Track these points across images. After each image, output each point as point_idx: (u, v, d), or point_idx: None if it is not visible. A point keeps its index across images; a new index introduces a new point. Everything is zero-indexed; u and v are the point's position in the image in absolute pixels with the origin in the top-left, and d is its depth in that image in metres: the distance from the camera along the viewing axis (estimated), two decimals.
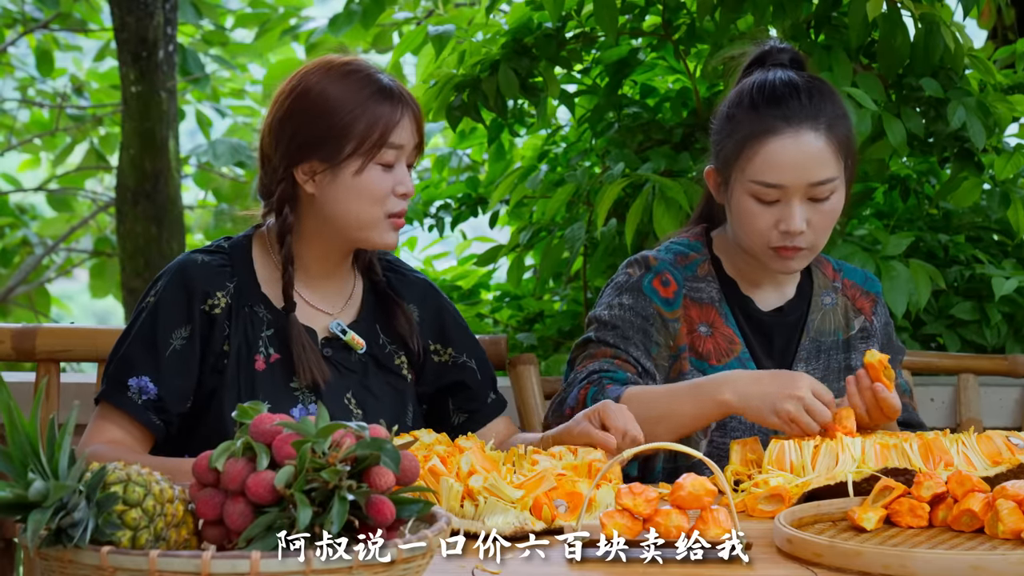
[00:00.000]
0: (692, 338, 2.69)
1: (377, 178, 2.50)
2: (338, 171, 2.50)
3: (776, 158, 2.58)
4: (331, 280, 2.61)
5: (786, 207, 2.59)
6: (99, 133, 7.99)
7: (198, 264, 2.54)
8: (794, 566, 1.91)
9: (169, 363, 2.48)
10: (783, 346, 2.75)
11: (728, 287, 2.74)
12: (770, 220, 2.61)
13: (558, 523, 2.07)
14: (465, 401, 2.69)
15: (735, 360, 2.69)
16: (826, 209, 2.61)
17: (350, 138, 2.49)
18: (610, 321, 2.67)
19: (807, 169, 2.58)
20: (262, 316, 2.55)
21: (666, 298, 2.69)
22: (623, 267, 2.75)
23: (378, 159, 2.50)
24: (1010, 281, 3.57)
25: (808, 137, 2.58)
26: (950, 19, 3.55)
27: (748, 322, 2.73)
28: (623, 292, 2.70)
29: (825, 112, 2.61)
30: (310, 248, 2.58)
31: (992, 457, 2.34)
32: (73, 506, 1.57)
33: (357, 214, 2.51)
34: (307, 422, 1.65)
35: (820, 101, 2.62)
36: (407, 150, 2.53)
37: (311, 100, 2.51)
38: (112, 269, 7.60)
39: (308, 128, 2.50)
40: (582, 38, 3.81)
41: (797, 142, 2.58)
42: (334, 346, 2.59)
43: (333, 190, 2.51)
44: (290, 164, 2.52)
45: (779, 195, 2.59)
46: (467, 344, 2.71)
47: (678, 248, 2.76)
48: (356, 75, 2.52)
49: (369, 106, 2.49)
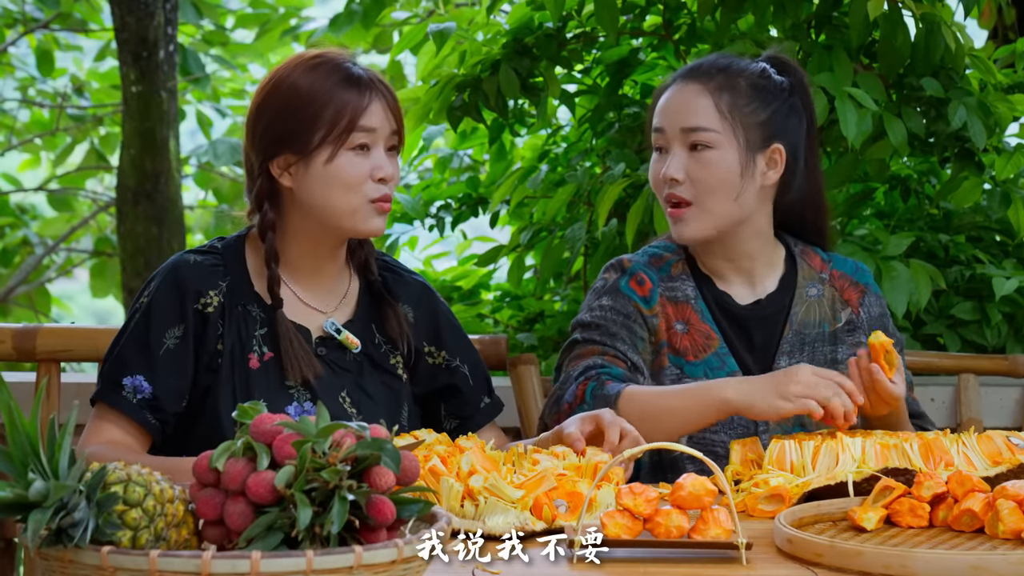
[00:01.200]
0: (670, 335, 2.73)
1: (350, 164, 2.50)
2: (310, 161, 2.50)
3: (660, 104, 2.75)
4: (323, 277, 2.61)
5: (669, 155, 2.71)
6: (99, 133, 7.99)
7: (190, 264, 2.54)
8: (794, 566, 1.91)
9: (163, 362, 2.49)
10: (764, 340, 2.76)
11: (703, 283, 2.77)
12: (659, 170, 2.73)
13: (559, 523, 2.07)
14: (457, 407, 2.69)
15: (713, 355, 2.71)
16: (703, 162, 2.68)
17: (318, 127, 2.49)
18: (593, 322, 2.72)
19: (680, 114, 2.71)
20: (255, 315, 2.55)
21: (643, 296, 2.73)
22: (600, 273, 2.80)
23: (348, 144, 2.49)
24: (1010, 281, 3.57)
25: (692, 88, 2.72)
26: (951, 19, 3.54)
27: (725, 317, 2.75)
28: (602, 295, 2.75)
29: (729, 79, 2.70)
30: (296, 244, 2.58)
31: (992, 457, 2.34)
32: (73, 506, 1.57)
33: (335, 203, 2.50)
34: (307, 422, 1.65)
35: (732, 73, 2.72)
36: (382, 134, 2.52)
37: (281, 94, 2.52)
38: (112, 269, 7.59)
39: (278, 121, 2.52)
40: (583, 38, 3.81)
41: (680, 90, 2.73)
42: (328, 345, 2.59)
43: (308, 181, 2.51)
44: (265, 159, 2.54)
45: (662, 141, 2.72)
46: (461, 348, 2.70)
47: (653, 251, 2.81)
48: (324, 66, 2.53)
49: (336, 93, 2.50)
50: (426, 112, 3.77)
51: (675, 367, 2.70)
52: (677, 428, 2.51)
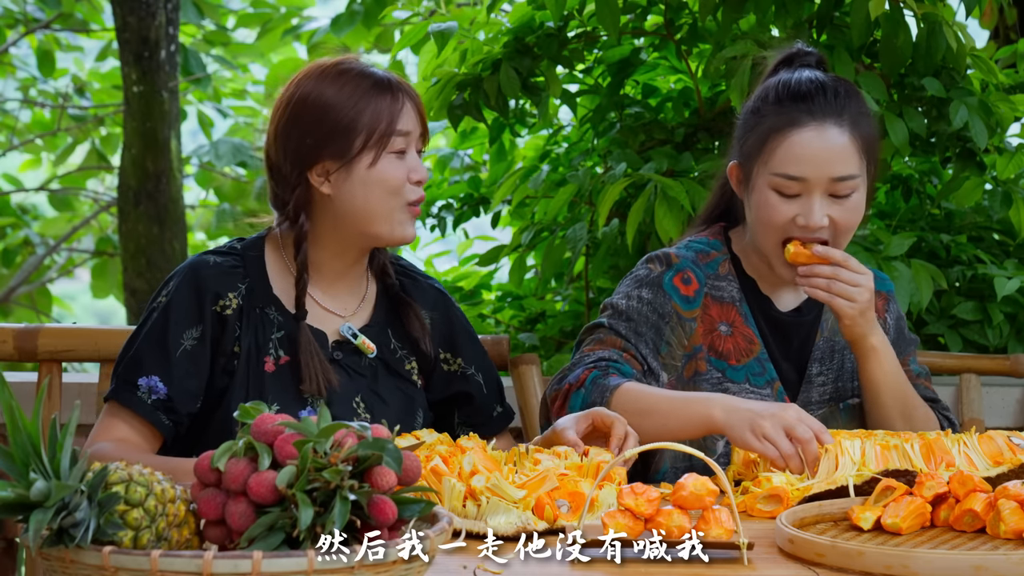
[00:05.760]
0: (711, 338, 2.68)
1: (392, 167, 2.51)
2: (352, 166, 2.51)
3: (798, 150, 2.58)
4: (344, 282, 2.61)
5: (807, 201, 2.59)
6: (100, 133, 8.00)
7: (210, 265, 2.54)
8: (796, 566, 1.91)
9: (179, 363, 2.48)
10: (799, 346, 2.74)
11: (748, 286, 2.74)
12: (789, 214, 2.60)
13: (560, 523, 2.07)
14: (470, 414, 2.69)
15: (754, 360, 2.68)
16: (847, 207, 2.60)
17: (358, 131, 2.49)
18: (626, 311, 2.65)
19: (829, 163, 2.58)
20: (273, 318, 2.55)
21: (686, 296, 2.68)
22: (643, 261, 2.73)
23: (390, 148, 2.51)
24: (1012, 281, 3.57)
25: (832, 132, 2.59)
26: (952, 19, 3.54)
27: (767, 322, 2.72)
28: (643, 286, 2.68)
29: (849, 110, 2.61)
30: (324, 250, 2.57)
31: (994, 457, 2.34)
32: (75, 506, 1.57)
33: (375, 207, 2.51)
34: (309, 422, 1.65)
35: (845, 99, 2.62)
36: (414, 137, 2.54)
37: (311, 104, 2.52)
38: (114, 269, 7.60)
39: (314, 130, 2.51)
40: (584, 37, 3.81)
41: (820, 135, 2.58)
42: (344, 349, 2.58)
43: (350, 186, 2.51)
44: (303, 169, 2.53)
45: (800, 188, 2.59)
46: (475, 356, 2.70)
47: (699, 246, 2.75)
48: (350, 73, 2.53)
49: (370, 99, 2.50)
50: (427, 110, 3.76)
51: (716, 370, 2.66)
52: (661, 432, 2.38)
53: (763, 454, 2.33)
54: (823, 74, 2.66)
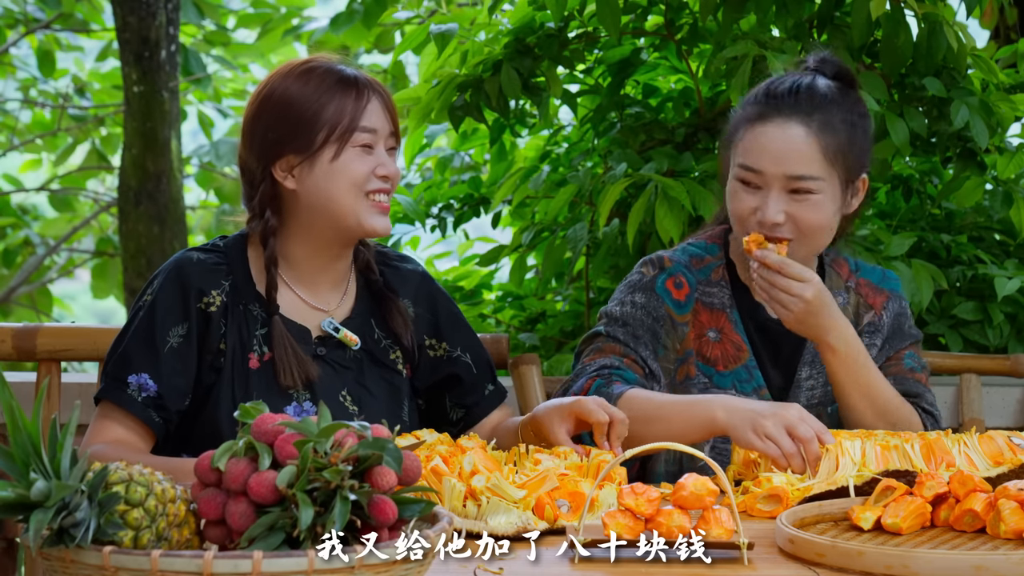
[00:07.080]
0: (700, 343, 2.69)
1: (355, 160, 2.52)
2: (315, 160, 2.51)
3: (758, 142, 2.62)
4: (326, 277, 2.61)
5: (764, 194, 2.62)
6: (101, 133, 8.00)
7: (194, 262, 2.55)
8: (796, 566, 1.91)
9: (167, 361, 2.49)
10: (790, 352, 2.75)
11: (740, 293, 2.74)
12: (750, 206, 2.63)
13: (560, 523, 2.07)
14: (461, 396, 2.69)
15: (742, 368, 2.68)
16: (808, 207, 2.61)
17: (320, 126, 2.50)
18: (621, 317, 2.67)
19: (786, 159, 2.60)
20: (256, 314, 2.55)
21: (678, 300, 2.69)
22: (638, 266, 2.75)
23: (353, 142, 2.51)
24: (1012, 281, 3.57)
25: (795, 130, 2.61)
26: (952, 19, 3.54)
27: (757, 329, 2.73)
28: (636, 290, 2.70)
29: (825, 115, 2.61)
30: (299, 246, 2.58)
31: (994, 457, 2.34)
32: (75, 506, 1.57)
33: (341, 199, 2.51)
34: (309, 422, 1.65)
35: (825, 105, 2.62)
36: (382, 135, 2.55)
37: (275, 100, 2.54)
38: (114, 269, 7.60)
39: (277, 125, 2.52)
40: (584, 38, 3.81)
41: (782, 131, 2.61)
42: (328, 344, 2.59)
43: (313, 180, 2.52)
44: (267, 163, 2.54)
45: (760, 181, 2.62)
46: (461, 337, 2.70)
47: (694, 250, 2.76)
48: (316, 71, 2.55)
49: (334, 94, 2.52)
50: (427, 112, 3.77)
51: (704, 376, 2.67)
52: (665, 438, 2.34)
53: (765, 453, 2.34)
54: (821, 81, 2.66)
